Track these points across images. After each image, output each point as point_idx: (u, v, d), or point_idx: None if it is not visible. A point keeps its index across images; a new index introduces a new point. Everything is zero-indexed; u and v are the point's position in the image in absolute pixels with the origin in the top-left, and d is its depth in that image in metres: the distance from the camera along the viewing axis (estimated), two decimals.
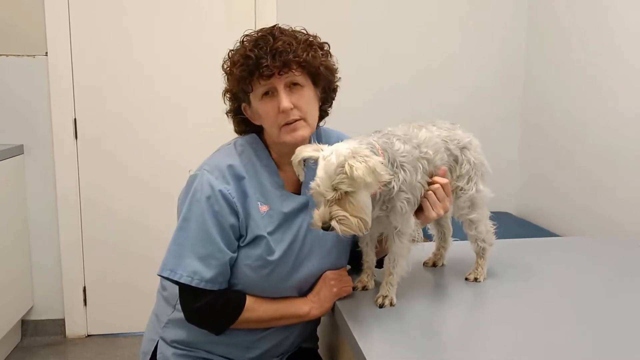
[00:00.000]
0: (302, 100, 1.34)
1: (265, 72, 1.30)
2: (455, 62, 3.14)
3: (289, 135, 1.33)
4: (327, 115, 1.48)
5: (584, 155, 2.67)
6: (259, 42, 1.32)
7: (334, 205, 1.15)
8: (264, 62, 1.29)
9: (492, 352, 1.15)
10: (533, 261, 1.67)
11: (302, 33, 1.39)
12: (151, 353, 1.47)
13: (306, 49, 1.34)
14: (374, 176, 1.14)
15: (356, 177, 1.12)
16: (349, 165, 1.13)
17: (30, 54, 2.84)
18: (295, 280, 1.38)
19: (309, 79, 1.36)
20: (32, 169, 2.91)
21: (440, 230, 1.58)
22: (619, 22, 2.44)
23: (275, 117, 1.33)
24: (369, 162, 1.14)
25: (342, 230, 1.16)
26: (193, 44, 2.94)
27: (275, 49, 1.30)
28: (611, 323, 1.28)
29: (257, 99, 1.35)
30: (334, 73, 1.42)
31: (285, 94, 1.32)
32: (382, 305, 1.32)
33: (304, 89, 1.35)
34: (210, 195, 1.30)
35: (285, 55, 1.30)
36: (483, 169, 1.45)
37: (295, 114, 1.33)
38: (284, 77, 1.31)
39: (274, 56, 1.30)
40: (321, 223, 1.16)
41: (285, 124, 1.33)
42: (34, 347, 2.94)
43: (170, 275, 1.31)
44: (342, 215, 1.15)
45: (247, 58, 1.31)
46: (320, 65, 1.36)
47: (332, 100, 1.46)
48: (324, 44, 1.41)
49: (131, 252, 3.01)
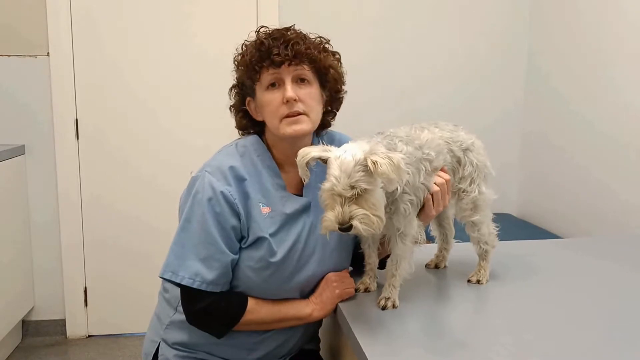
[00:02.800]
0: (307, 95, 1.34)
1: (276, 59, 1.30)
2: (455, 63, 3.14)
3: (290, 127, 1.33)
4: (329, 126, 1.48)
5: (585, 156, 2.67)
6: (275, 34, 1.35)
7: (352, 204, 1.14)
8: (275, 50, 1.31)
9: (495, 355, 1.15)
10: (535, 263, 1.67)
11: (317, 36, 1.41)
12: (153, 354, 1.47)
13: (319, 48, 1.36)
14: (398, 172, 1.13)
15: (381, 172, 1.11)
16: (372, 161, 1.12)
17: (32, 55, 2.84)
18: (297, 282, 1.38)
19: (317, 78, 1.37)
20: (34, 169, 2.91)
21: (443, 232, 1.58)
22: (621, 20, 2.44)
23: (278, 107, 1.33)
24: (392, 158, 1.13)
25: (364, 230, 1.14)
26: (195, 44, 2.94)
27: (289, 39, 1.32)
28: (615, 324, 1.27)
29: (262, 89, 1.35)
30: (341, 82, 1.43)
31: (291, 86, 1.32)
32: (385, 307, 1.32)
33: (311, 86, 1.35)
34: (211, 197, 1.30)
35: (298, 47, 1.32)
36: (486, 170, 1.45)
37: (299, 107, 1.32)
38: (293, 69, 1.32)
39: (286, 46, 1.31)
40: (339, 224, 1.14)
41: (287, 115, 1.32)
42: (34, 348, 2.93)
43: (171, 277, 1.31)
44: (362, 214, 1.14)
45: (260, 44, 1.34)
46: (330, 66, 1.37)
47: (336, 111, 1.47)
48: (336, 52, 1.43)
49: (132, 253, 3.01)
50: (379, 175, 1.12)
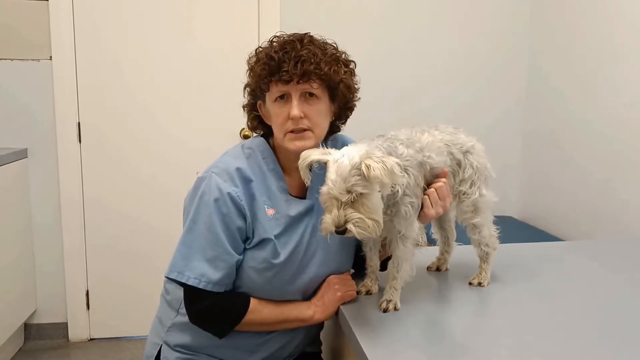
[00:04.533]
0: (313, 111, 1.33)
1: (284, 77, 1.30)
2: (456, 63, 3.14)
3: (292, 143, 1.34)
4: (339, 130, 1.48)
5: (587, 157, 2.67)
6: (286, 46, 1.33)
7: (347, 208, 1.15)
8: (285, 66, 1.30)
9: (496, 357, 1.15)
10: (537, 265, 1.67)
11: (332, 46, 1.39)
12: (154, 357, 1.47)
13: (330, 62, 1.34)
14: (391, 176, 1.14)
15: (373, 177, 1.12)
16: (365, 165, 1.13)
17: (35, 58, 2.85)
18: (299, 283, 1.38)
19: (327, 92, 1.36)
20: (36, 172, 2.91)
21: (444, 235, 1.58)
22: (621, 20, 2.44)
23: (284, 122, 1.33)
24: (386, 162, 1.14)
25: (358, 233, 1.15)
26: (198, 48, 2.94)
27: (300, 56, 1.30)
28: (616, 327, 1.27)
29: (271, 100, 1.36)
30: (353, 92, 1.41)
31: (297, 102, 1.32)
32: (386, 310, 1.32)
33: (319, 101, 1.34)
34: (218, 198, 1.31)
35: (307, 65, 1.30)
36: (486, 173, 1.45)
37: (303, 123, 1.33)
38: (301, 86, 1.32)
39: (296, 64, 1.30)
40: (335, 227, 1.15)
41: (292, 131, 1.33)
42: (36, 351, 2.93)
43: (177, 277, 1.31)
44: (357, 217, 1.14)
45: (270, 59, 1.32)
46: (340, 81, 1.36)
47: (347, 118, 1.46)
48: (350, 61, 1.41)
49: (134, 256, 3.02)
50: (371, 179, 1.13)
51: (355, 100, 1.43)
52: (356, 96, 1.43)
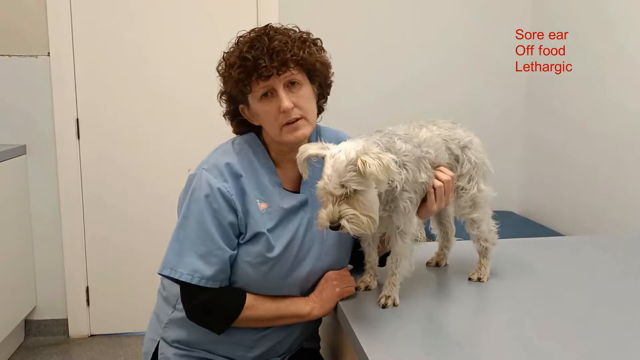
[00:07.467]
0: (301, 98, 1.34)
1: (264, 73, 1.30)
2: (457, 61, 3.13)
3: (291, 135, 1.33)
4: (322, 110, 1.48)
5: (587, 152, 2.66)
6: (255, 43, 1.32)
7: (342, 203, 1.14)
8: (262, 62, 1.29)
9: (496, 352, 1.15)
10: (536, 260, 1.66)
11: (295, 31, 1.39)
12: (152, 353, 1.47)
13: (301, 46, 1.34)
14: (387, 173, 1.13)
15: (369, 173, 1.12)
16: (361, 161, 1.12)
17: (33, 55, 2.84)
18: (296, 278, 1.38)
19: (306, 76, 1.36)
20: (35, 169, 2.91)
21: (443, 230, 1.57)
22: (621, 21, 2.43)
23: (276, 117, 1.33)
24: (382, 158, 1.13)
25: (351, 229, 1.15)
26: (196, 45, 2.93)
27: (272, 48, 1.30)
28: (617, 323, 1.27)
29: (256, 100, 1.35)
30: (328, 68, 1.42)
31: (284, 94, 1.32)
32: (385, 306, 1.32)
33: (302, 87, 1.35)
34: (208, 194, 1.31)
35: (283, 55, 1.30)
36: (484, 168, 1.44)
37: (296, 113, 1.33)
38: (283, 76, 1.31)
39: (271, 56, 1.30)
40: (329, 222, 1.15)
41: (287, 123, 1.33)
42: (37, 347, 2.94)
43: (170, 274, 1.31)
44: (351, 213, 1.14)
45: (244, 60, 1.31)
46: (316, 61, 1.36)
47: (327, 95, 1.47)
48: (317, 39, 1.41)
49: (134, 252, 3.01)
50: (367, 175, 1.12)
51: (331, 75, 1.43)
52: (331, 71, 1.43)
